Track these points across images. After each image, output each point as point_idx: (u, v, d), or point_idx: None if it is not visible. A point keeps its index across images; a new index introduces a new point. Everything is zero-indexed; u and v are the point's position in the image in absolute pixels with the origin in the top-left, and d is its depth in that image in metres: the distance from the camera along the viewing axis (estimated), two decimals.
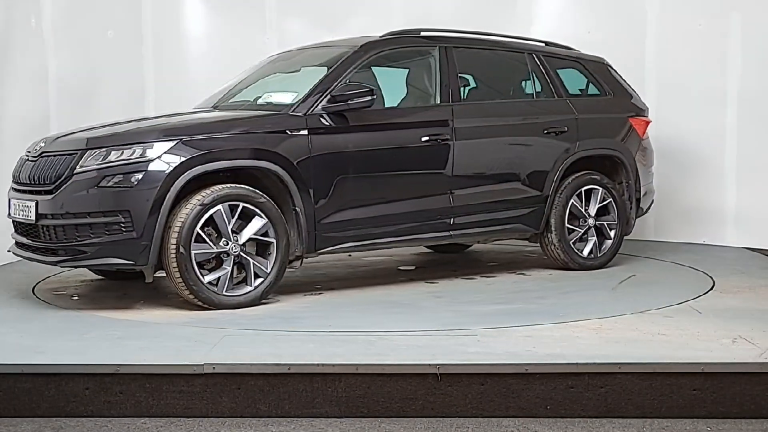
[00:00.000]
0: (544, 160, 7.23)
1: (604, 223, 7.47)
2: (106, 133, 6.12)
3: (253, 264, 6.04)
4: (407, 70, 7.28)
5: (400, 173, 6.67)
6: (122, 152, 5.84)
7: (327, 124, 6.35)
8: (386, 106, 6.91)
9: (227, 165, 6.00)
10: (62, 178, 5.89)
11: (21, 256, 6.36)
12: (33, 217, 5.98)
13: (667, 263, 7.81)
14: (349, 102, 6.34)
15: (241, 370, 4.51)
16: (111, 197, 5.77)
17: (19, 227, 6.33)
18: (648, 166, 7.86)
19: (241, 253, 5.99)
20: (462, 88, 7.06)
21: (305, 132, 6.24)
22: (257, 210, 6.02)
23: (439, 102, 6.91)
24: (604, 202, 7.45)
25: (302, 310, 6.04)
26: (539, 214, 7.23)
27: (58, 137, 6.33)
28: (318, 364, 4.52)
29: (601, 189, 7.43)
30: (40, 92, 8.66)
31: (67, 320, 5.76)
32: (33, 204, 5.99)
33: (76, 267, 6.17)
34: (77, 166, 5.86)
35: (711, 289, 6.60)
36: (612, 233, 7.49)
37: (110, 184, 5.77)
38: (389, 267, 7.86)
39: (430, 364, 4.50)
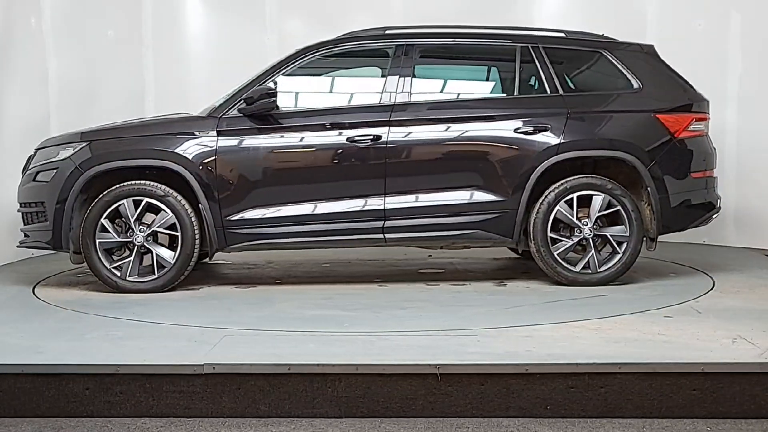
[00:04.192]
0: (512, 162, 6.60)
1: (607, 234, 6.65)
2: (58, 135, 6.98)
3: (156, 255, 6.58)
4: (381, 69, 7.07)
5: (319, 174, 6.63)
6: (59, 153, 6.68)
7: (244, 126, 6.62)
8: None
9: (123, 165, 6.59)
10: (23, 173, 6.96)
11: None
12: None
13: (667, 263, 7.80)
14: (253, 105, 6.57)
15: (241, 370, 4.51)
16: (36, 190, 6.73)
17: None
18: (688, 170, 6.78)
19: (145, 244, 6.57)
20: (411, 86, 6.72)
21: (214, 134, 6.61)
22: (162, 205, 6.54)
23: (386, 101, 6.70)
24: (609, 211, 6.63)
25: (179, 301, 6.31)
26: (506, 221, 6.61)
27: (49, 138, 7.20)
28: (318, 364, 4.52)
29: (602, 195, 6.61)
30: (40, 92, 8.67)
31: (67, 320, 5.76)
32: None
33: (28, 248, 7.02)
34: (30, 163, 6.90)
35: (711, 289, 6.60)
36: (623, 246, 6.63)
37: (39, 179, 6.71)
38: (404, 268, 7.83)
39: (430, 364, 4.50)
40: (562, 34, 7.10)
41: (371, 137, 6.59)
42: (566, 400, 4.46)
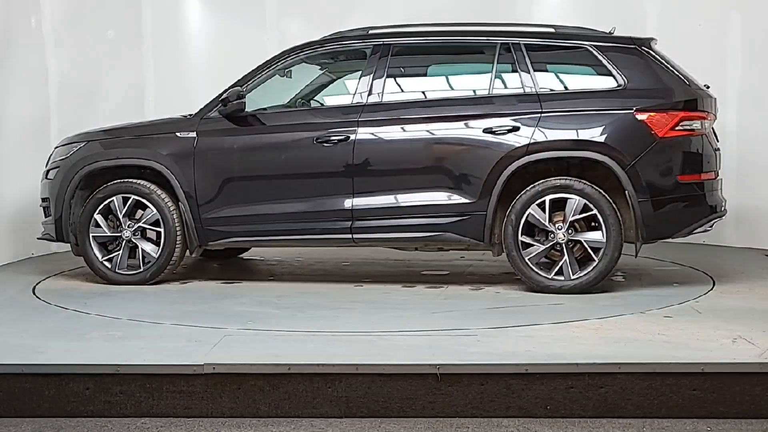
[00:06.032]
0: (481, 163, 6.41)
1: (581, 239, 6.33)
2: (74, 134, 7.24)
3: (141, 249, 6.86)
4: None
5: (289, 173, 6.71)
6: (70, 151, 7.01)
7: (221, 126, 6.78)
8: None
9: (110, 164, 6.93)
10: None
11: None
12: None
13: (667, 263, 7.80)
14: (228, 106, 6.73)
15: (241, 370, 4.52)
16: (45, 187, 7.15)
17: None
18: (677, 173, 6.33)
19: (132, 239, 6.85)
20: (383, 86, 6.64)
21: (193, 134, 6.81)
22: (147, 202, 6.83)
23: (357, 101, 6.67)
24: (585, 215, 6.32)
25: (152, 294, 6.57)
26: (476, 223, 6.41)
27: (67, 137, 7.38)
28: (318, 364, 4.52)
29: (576, 198, 6.30)
30: (40, 92, 8.66)
31: (67, 320, 5.76)
32: None
33: (47, 240, 7.35)
34: (48, 161, 7.22)
35: (711, 289, 6.60)
36: (600, 253, 6.29)
37: (49, 177, 7.10)
38: (415, 269, 7.79)
39: (430, 364, 4.51)
40: (551, 30, 6.81)
41: (339, 137, 6.60)
42: (566, 400, 4.46)
